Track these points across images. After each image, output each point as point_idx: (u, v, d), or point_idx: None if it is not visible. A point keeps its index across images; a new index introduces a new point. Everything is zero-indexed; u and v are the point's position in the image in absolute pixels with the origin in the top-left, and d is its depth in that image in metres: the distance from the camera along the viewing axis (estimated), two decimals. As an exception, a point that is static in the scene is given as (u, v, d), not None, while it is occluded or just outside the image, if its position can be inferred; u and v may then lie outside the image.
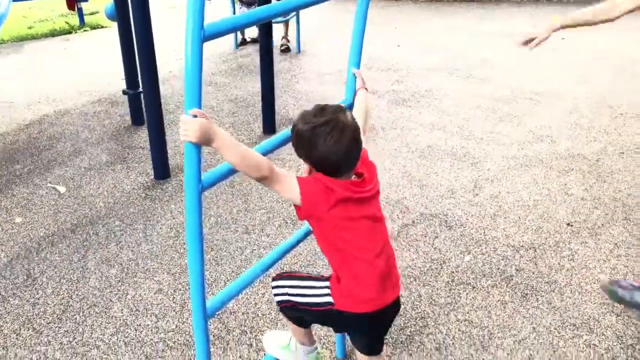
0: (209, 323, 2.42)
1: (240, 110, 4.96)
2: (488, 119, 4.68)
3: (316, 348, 1.92)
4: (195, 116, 1.32)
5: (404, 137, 4.34)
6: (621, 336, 2.35)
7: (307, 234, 1.87)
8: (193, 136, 1.31)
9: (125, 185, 3.70)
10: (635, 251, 2.91)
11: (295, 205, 1.56)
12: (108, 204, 3.48)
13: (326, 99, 5.05)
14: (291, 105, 5.06)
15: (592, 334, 2.37)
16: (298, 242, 1.85)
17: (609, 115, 4.71)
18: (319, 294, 1.64)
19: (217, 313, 2.45)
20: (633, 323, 2.42)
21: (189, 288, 1.58)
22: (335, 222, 1.54)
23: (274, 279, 1.77)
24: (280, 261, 2.54)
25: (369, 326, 1.69)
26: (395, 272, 1.69)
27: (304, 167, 1.65)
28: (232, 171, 1.45)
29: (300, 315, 1.74)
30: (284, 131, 1.69)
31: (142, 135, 4.34)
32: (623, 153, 4.01)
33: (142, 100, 3.92)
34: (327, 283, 1.64)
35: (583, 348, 2.30)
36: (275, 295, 1.75)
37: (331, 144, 1.49)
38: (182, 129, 1.32)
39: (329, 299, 1.62)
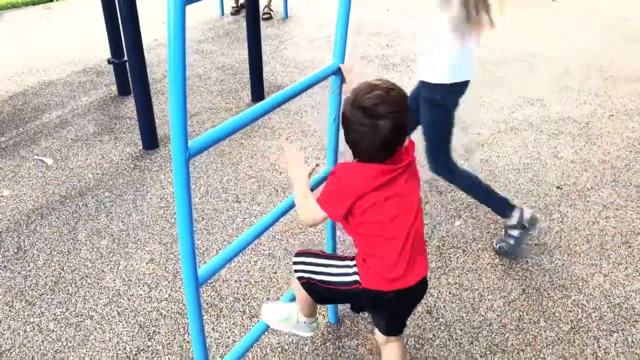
0: (202, 291, 2.44)
1: (228, 77, 4.89)
2: (478, 82, 4.62)
3: (317, 319, 1.93)
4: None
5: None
6: (608, 295, 2.39)
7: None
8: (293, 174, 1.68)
9: (113, 156, 3.66)
10: (623, 212, 2.94)
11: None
12: (96, 175, 3.44)
13: (315, 65, 4.99)
14: (280, 72, 4.99)
15: (581, 294, 2.41)
16: (289, 209, 1.83)
17: (599, 77, 4.69)
18: (345, 273, 1.64)
19: (209, 281, 2.47)
20: (620, 283, 2.46)
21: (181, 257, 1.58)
22: (363, 209, 1.55)
23: (296, 255, 1.76)
24: (271, 229, 2.53)
25: (394, 305, 1.69)
26: (424, 250, 1.68)
27: None
28: (218, 138, 1.42)
29: (320, 292, 1.72)
30: (272, 97, 1.66)
31: (129, 105, 4.27)
32: (612, 115, 4.02)
33: (128, 69, 3.85)
34: (353, 262, 1.64)
35: (571, 307, 2.34)
36: (297, 271, 1.73)
37: (370, 145, 1.51)
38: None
39: (356, 277, 1.62)
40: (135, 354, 2.17)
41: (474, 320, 2.28)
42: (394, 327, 1.78)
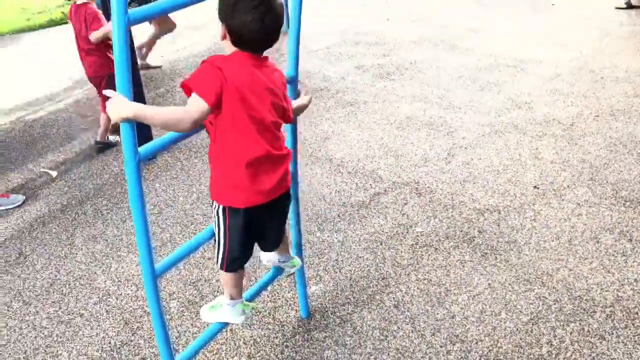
0: (184, 290, 2.61)
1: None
2: (468, 88, 4.75)
3: (242, 301, 2.02)
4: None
5: (384, 110, 4.44)
6: (570, 288, 2.48)
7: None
8: (113, 116, 1.48)
9: (113, 167, 3.86)
10: (595, 209, 3.01)
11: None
12: (96, 185, 3.65)
13: (311, 75, 5.15)
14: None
15: (544, 287, 2.50)
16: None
17: (590, 79, 4.75)
18: (221, 218, 1.76)
19: (192, 281, 2.63)
20: (584, 276, 2.54)
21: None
22: (230, 94, 1.56)
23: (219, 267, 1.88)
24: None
25: (271, 207, 1.81)
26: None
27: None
28: (166, 143, 1.58)
29: (235, 253, 1.82)
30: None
31: (132, 119, 4.49)
32: (598, 116, 4.08)
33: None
34: (214, 204, 1.75)
35: (533, 300, 2.43)
36: (221, 265, 1.86)
37: (250, 19, 1.54)
38: (108, 110, 1.49)
39: (223, 215, 1.74)
40: (119, 348, 2.34)
41: (437, 313, 2.39)
42: (280, 234, 1.99)
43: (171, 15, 5.39)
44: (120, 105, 1.45)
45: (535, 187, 3.26)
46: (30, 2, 9.34)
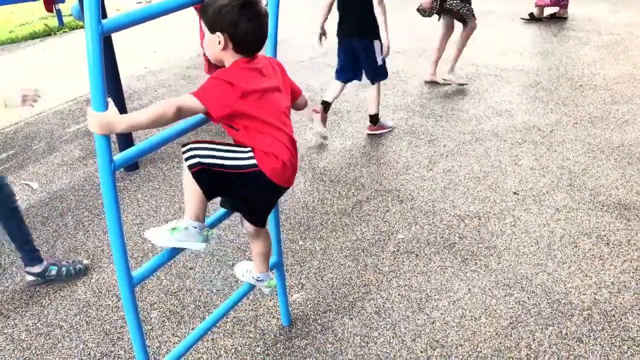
0: (166, 300, 2.59)
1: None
2: (450, 97, 4.81)
3: (206, 227, 1.85)
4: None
5: (367, 119, 4.47)
6: (549, 292, 2.50)
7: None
8: (95, 129, 1.49)
9: (95, 178, 3.85)
10: (574, 214, 3.05)
11: (208, 115, 1.64)
12: (78, 196, 3.63)
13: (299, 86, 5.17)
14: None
15: (523, 291, 2.53)
16: (223, 217, 1.99)
17: (569, 87, 4.83)
18: (243, 157, 1.73)
19: (173, 291, 2.62)
20: (562, 280, 2.57)
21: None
22: (248, 102, 1.66)
23: (184, 145, 1.74)
24: (234, 237, 2.64)
25: (275, 196, 1.94)
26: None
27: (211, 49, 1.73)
28: (144, 152, 1.59)
29: (212, 181, 1.72)
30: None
31: (114, 130, 4.48)
32: (577, 123, 4.15)
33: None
34: (249, 149, 1.73)
35: (513, 305, 2.45)
36: (189, 158, 1.71)
37: (252, 25, 1.68)
38: (88, 122, 1.50)
39: (253, 161, 1.72)
40: (99, 359, 2.32)
41: (418, 319, 2.41)
42: (265, 217, 1.98)
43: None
44: (106, 122, 1.49)
45: (515, 193, 3.30)
46: (13, 14, 9.30)
